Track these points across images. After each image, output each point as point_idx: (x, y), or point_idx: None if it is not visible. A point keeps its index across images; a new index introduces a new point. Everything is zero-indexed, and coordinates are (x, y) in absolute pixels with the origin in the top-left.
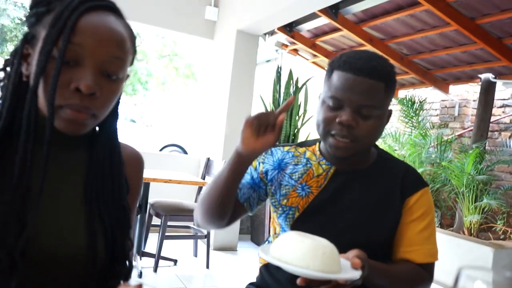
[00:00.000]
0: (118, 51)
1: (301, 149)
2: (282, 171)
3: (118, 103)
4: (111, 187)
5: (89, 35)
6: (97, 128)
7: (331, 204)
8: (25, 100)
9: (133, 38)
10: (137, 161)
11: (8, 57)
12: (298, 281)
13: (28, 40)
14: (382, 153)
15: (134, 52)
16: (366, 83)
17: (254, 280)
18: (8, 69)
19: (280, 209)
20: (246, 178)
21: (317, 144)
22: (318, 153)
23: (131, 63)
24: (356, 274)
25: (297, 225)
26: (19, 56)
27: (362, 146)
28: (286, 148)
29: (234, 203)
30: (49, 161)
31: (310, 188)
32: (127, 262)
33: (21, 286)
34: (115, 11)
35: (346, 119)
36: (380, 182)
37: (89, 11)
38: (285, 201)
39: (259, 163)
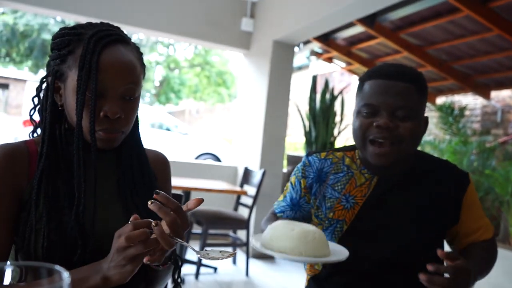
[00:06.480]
0: (132, 78)
1: (339, 154)
2: (324, 182)
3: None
4: (142, 179)
5: (108, 72)
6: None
7: (378, 214)
8: (61, 120)
9: (140, 57)
10: (162, 161)
11: (40, 89)
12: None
13: (57, 76)
14: (419, 154)
15: (144, 68)
16: (398, 86)
17: None
18: (42, 96)
19: (326, 222)
20: (287, 200)
21: (356, 151)
22: (358, 161)
23: (143, 77)
24: (345, 255)
25: (346, 238)
26: (52, 89)
27: (403, 151)
28: (323, 155)
29: None
30: (87, 166)
31: (354, 198)
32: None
33: (81, 261)
34: (122, 40)
35: (384, 122)
36: (425, 185)
37: (104, 49)
38: (331, 214)
39: (298, 180)
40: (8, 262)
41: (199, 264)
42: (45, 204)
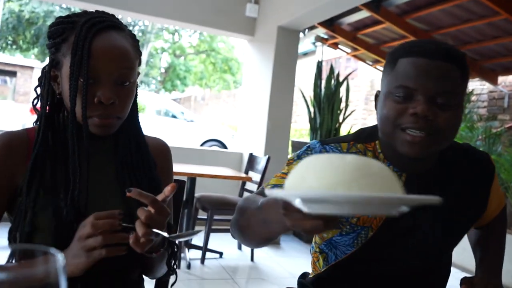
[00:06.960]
0: (125, 63)
1: (360, 146)
2: None
3: (136, 96)
4: (141, 166)
5: (100, 57)
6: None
7: (407, 218)
8: (60, 109)
9: (136, 43)
10: (163, 148)
11: (42, 79)
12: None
13: (53, 65)
14: None
15: (139, 54)
16: (442, 67)
17: (297, 273)
18: (41, 88)
19: (348, 227)
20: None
21: (377, 142)
22: (381, 156)
23: (139, 64)
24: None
25: (369, 245)
26: (48, 78)
27: (440, 144)
28: (344, 147)
29: None
30: (85, 154)
31: None
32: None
33: None
34: (116, 26)
35: (421, 109)
36: (453, 179)
37: (96, 35)
38: (355, 219)
39: None
40: (4, 244)
41: (205, 249)
42: (40, 189)
